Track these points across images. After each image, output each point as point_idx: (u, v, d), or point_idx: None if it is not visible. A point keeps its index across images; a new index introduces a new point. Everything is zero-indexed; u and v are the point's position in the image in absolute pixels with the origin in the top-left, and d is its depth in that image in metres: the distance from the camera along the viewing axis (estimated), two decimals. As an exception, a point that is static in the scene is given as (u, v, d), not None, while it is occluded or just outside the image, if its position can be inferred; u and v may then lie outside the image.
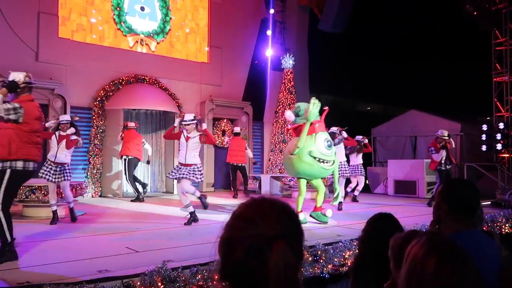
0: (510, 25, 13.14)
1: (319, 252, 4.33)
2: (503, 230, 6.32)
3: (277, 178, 12.11)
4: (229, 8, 13.43)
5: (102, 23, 11.22)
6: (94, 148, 10.49)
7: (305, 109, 6.56)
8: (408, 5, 15.64)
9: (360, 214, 7.69)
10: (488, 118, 14.42)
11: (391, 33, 16.54)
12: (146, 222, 6.87)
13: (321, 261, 4.25)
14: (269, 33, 13.99)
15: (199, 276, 3.48)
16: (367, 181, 11.19)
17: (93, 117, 10.59)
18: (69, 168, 6.83)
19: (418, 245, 1.19)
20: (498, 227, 6.30)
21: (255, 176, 12.50)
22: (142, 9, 11.86)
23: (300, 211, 6.83)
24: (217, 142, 12.70)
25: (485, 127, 13.24)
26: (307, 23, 15.42)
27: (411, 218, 6.85)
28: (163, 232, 6.05)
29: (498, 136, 12.89)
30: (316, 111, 6.51)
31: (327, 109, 6.90)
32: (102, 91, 10.75)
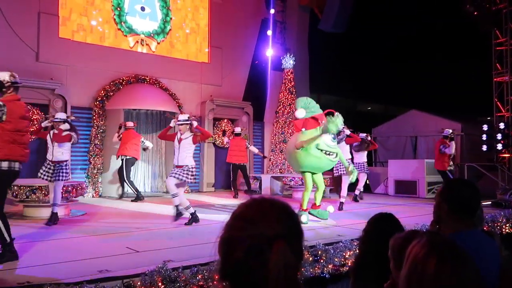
0: (511, 25, 13.13)
1: (319, 252, 4.33)
2: (503, 230, 6.32)
3: (277, 178, 12.11)
4: (229, 8, 13.43)
5: (102, 23, 11.22)
6: (95, 148, 10.50)
7: (325, 120, 6.61)
8: (409, 5, 15.63)
9: (361, 214, 7.70)
10: (489, 118, 14.41)
11: (391, 33, 16.54)
12: (146, 222, 6.87)
13: (322, 261, 4.25)
14: (269, 33, 13.99)
15: (200, 276, 3.48)
16: (367, 181, 11.18)
17: (94, 117, 10.59)
18: (66, 167, 6.60)
19: (419, 245, 1.19)
20: (498, 227, 6.31)
21: (255, 176, 12.50)
22: (143, 9, 11.86)
23: (306, 209, 6.84)
24: (217, 142, 12.70)
25: (485, 127, 13.24)
26: (307, 23, 15.42)
27: (411, 218, 6.85)
28: (163, 232, 6.05)
29: (499, 136, 12.88)
30: (339, 122, 6.57)
31: (334, 111, 7.01)
32: (102, 91, 10.76)
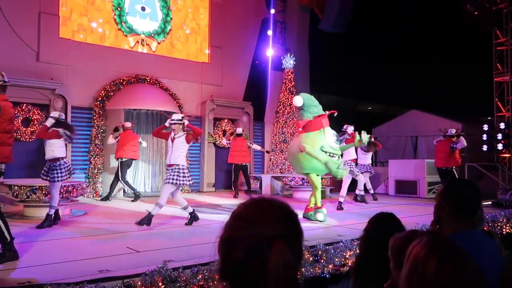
0: (511, 25, 13.12)
1: (319, 252, 4.33)
2: (504, 230, 6.32)
3: (278, 178, 12.10)
4: (230, 8, 13.43)
5: (103, 24, 11.22)
6: (95, 148, 10.49)
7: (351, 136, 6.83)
8: (409, 5, 15.63)
9: (361, 214, 7.70)
10: (489, 118, 14.39)
11: (391, 33, 16.53)
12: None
13: (322, 261, 4.25)
14: (269, 33, 13.99)
15: (200, 276, 3.48)
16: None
17: (94, 117, 10.59)
18: (61, 167, 6.24)
19: (419, 245, 1.19)
20: (499, 227, 6.31)
21: (256, 176, 12.50)
22: (143, 9, 11.86)
23: (321, 206, 6.84)
24: (218, 142, 12.70)
25: (486, 127, 13.22)
26: (307, 23, 15.41)
27: (411, 218, 6.84)
28: (163, 232, 6.05)
29: (499, 136, 12.87)
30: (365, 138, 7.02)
31: (336, 112, 7.03)
32: (103, 91, 10.76)
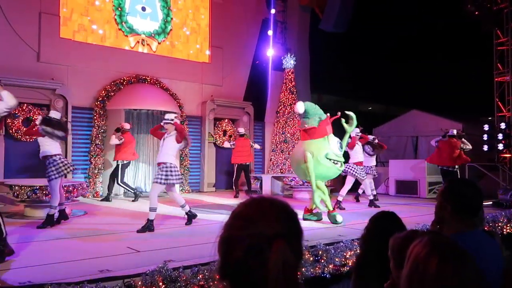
0: (512, 24, 13.12)
1: (320, 252, 4.33)
2: (504, 230, 6.32)
3: (278, 178, 12.10)
4: (230, 8, 13.43)
5: (103, 24, 11.22)
6: (95, 148, 10.50)
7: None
8: (409, 5, 15.62)
9: (361, 213, 7.70)
10: (490, 118, 14.38)
11: (392, 33, 16.52)
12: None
13: (322, 261, 4.25)
14: (270, 33, 13.99)
15: (200, 276, 3.48)
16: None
17: (95, 117, 10.59)
18: (51, 164, 6.16)
19: (420, 245, 1.19)
20: (499, 227, 6.30)
21: (256, 176, 12.50)
22: (143, 9, 11.86)
23: (333, 209, 6.86)
24: (218, 142, 12.69)
25: (486, 127, 13.21)
26: (308, 23, 15.40)
27: (412, 218, 6.83)
28: (164, 232, 6.05)
29: (500, 136, 12.86)
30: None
31: (339, 114, 7.04)
32: (103, 91, 10.76)
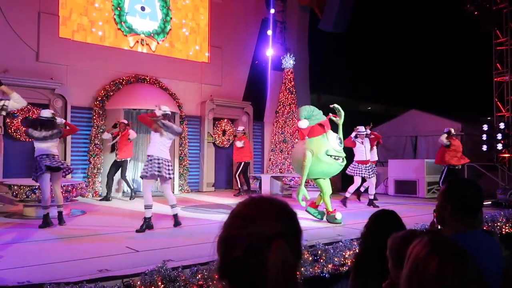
0: (511, 25, 13.12)
1: (319, 252, 4.33)
2: (503, 230, 6.32)
3: (277, 178, 12.10)
4: (229, 8, 13.42)
5: (102, 23, 11.21)
6: (95, 148, 10.49)
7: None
8: (409, 5, 15.61)
9: (361, 213, 7.70)
10: (489, 118, 14.39)
11: (391, 33, 16.51)
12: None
13: (321, 260, 4.25)
14: (269, 33, 13.98)
15: (199, 276, 3.48)
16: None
17: (94, 117, 10.59)
18: (36, 164, 6.24)
19: (420, 245, 1.18)
20: (498, 227, 6.31)
21: (255, 175, 12.50)
22: (143, 9, 11.85)
23: (333, 210, 6.85)
24: (217, 142, 12.69)
25: (485, 127, 13.22)
26: (307, 23, 15.41)
27: (411, 218, 6.84)
28: (162, 231, 6.05)
29: (499, 136, 12.87)
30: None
31: (330, 115, 7.06)
32: (102, 91, 10.75)
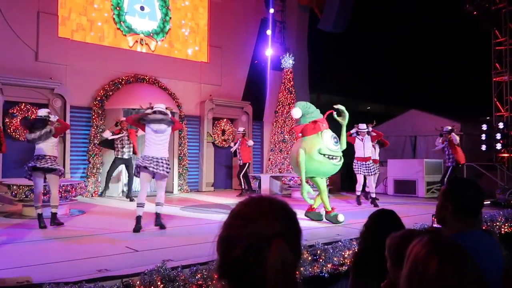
0: (510, 24, 13.13)
1: (318, 252, 4.33)
2: (502, 229, 6.33)
3: (277, 178, 12.11)
4: (229, 7, 13.42)
5: (101, 23, 11.20)
6: (94, 148, 10.48)
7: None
8: (408, 5, 15.63)
9: (360, 213, 7.69)
10: (488, 117, 14.40)
11: (391, 33, 16.52)
12: (145, 221, 6.84)
13: (321, 260, 4.26)
14: (269, 32, 13.98)
15: (199, 275, 3.48)
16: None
17: (93, 117, 10.58)
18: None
19: (420, 244, 1.18)
20: (497, 226, 6.32)
21: (255, 175, 12.50)
22: (142, 8, 11.85)
23: (332, 209, 6.84)
24: (216, 142, 12.68)
25: (484, 127, 13.23)
26: (307, 22, 15.41)
27: (411, 217, 6.84)
28: (162, 231, 6.05)
29: (498, 136, 12.88)
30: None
31: (331, 111, 7.04)
32: (101, 91, 10.75)
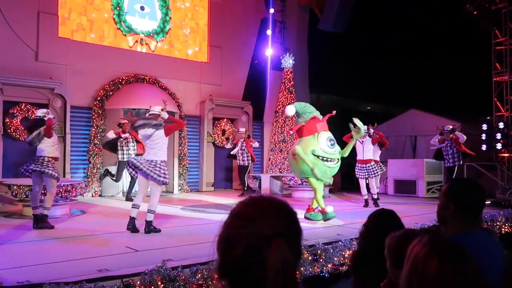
0: (510, 24, 13.12)
1: (319, 252, 4.33)
2: (502, 229, 6.33)
3: (277, 178, 12.10)
4: (229, 7, 13.42)
5: (102, 23, 11.21)
6: (94, 148, 10.48)
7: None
8: (409, 5, 15.61)
9: (360, 213, 7.70)
10: (488, 117, 14.40)
11: (391, 33, 16.51)
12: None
13: (321, 260, 4.25)
14: (269, 32, 13.98)
15: (199, 275, 3.48)
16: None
17: (93, 117, 10.59)
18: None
19: (420, 244, 1.17)
20: (497, 226, 6.31)
21: (255, 175, 12.49)
22: (142, 8, 11.85)
23: (323, 208, 6.85)
24: (217, 142, 12.68)
25: (485, 127, 13.23)
26: (307, 22, 15.41)
27: (411, 217, 6.84)
28: (162, 231, 6.04)
29: (498, 135, 12.88)
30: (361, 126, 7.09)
31: (334, 113, 7.03)
32: (102, 91, 10.75)
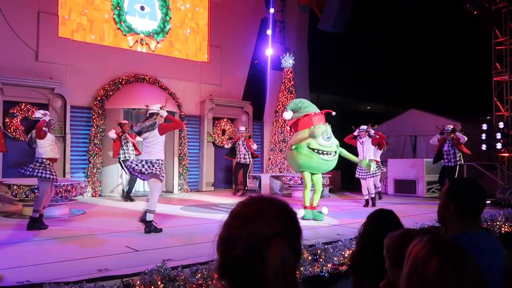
0: (510, 24, 13.13)
1: (318, 251, 4.33)
2: (502, 229, 6.33)
3: (277, 177, 12.10)
4: (229, 7, 13.42)
5: (102, 23, 11.21)
6: (94, 148, 10.49)
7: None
8: (409, 5, 15.60)
9: (360, 213, 7.70)
10: (488, 117, 14.40)
11: (391, 33, 16.50)
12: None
13: (321, 260, 4.26)
14: (269, 32, 13.98)
15: (199, 275, 3.48)
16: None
17: (93, 117, 10.59)
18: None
19: (420, 244, 1.17)
20: (497, 226, 6.31)
21: (255, 175, 12.50)
22: (142, 8, 11.85)
23: (308, 205, 6.87)
24: (217, 142, 12.68)
25: (485, 127, 13.24)
26: (307, 22, 15.42)
27: (411, 217, 6.84)
28: (162, 231, 6.05)
29: (498, 135, 12.89)
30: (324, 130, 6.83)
31: (333, 113, 7.06)
32: (102, 91, 10.75)
